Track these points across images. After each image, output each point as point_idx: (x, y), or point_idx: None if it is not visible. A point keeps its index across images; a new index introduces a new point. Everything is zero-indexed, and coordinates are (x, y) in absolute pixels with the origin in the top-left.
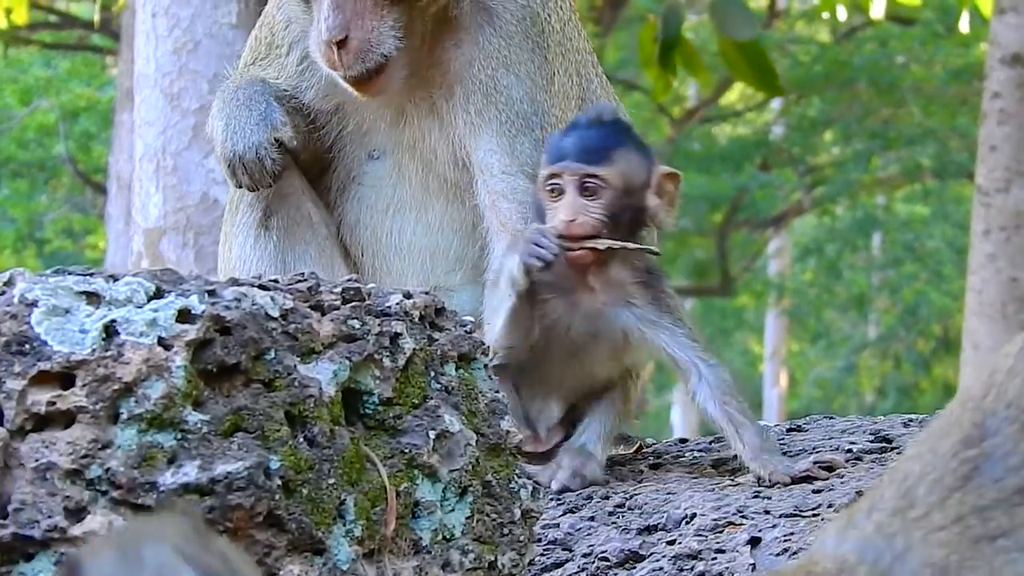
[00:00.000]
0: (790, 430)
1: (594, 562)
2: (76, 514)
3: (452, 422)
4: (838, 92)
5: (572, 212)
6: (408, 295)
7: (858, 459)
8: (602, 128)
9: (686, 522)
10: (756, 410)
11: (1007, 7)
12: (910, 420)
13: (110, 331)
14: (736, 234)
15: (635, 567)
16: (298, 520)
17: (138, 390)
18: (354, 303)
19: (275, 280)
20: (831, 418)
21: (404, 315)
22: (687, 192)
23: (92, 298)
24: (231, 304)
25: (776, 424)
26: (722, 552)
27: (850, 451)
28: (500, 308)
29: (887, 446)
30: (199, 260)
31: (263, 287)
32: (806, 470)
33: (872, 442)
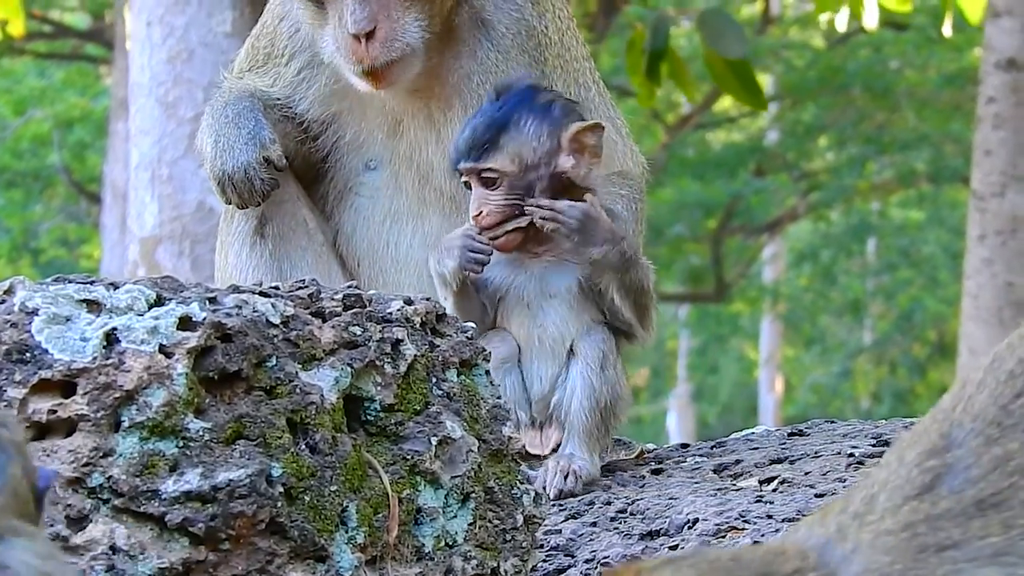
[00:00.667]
0: (791, 434)
1: (596, 568)
2: (78, 522)
3: (454, 428)
4: (832, 97)
5: (478, 206)
6: (409, 301)
7: (860, 463)
8: (490, 115)
9: (688, 527)
10: (752, 415)
11: (1002, 11)
12: (911, 424)
13: (111, 339)
14: (731, 240)
15: None
16: (300, 527)
17: (139, 398)
18: (355, 310)
19: (276, 287)
20: (832, 422)
21: (405, 321)
22: (682, 199)
23: (93, 306)
24: (232, 311)
25: (777, 429)
26: None
27: (852, 455)
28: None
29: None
30: (195, 268)
31: (264, 294)
32: None
33: (873, 446)
